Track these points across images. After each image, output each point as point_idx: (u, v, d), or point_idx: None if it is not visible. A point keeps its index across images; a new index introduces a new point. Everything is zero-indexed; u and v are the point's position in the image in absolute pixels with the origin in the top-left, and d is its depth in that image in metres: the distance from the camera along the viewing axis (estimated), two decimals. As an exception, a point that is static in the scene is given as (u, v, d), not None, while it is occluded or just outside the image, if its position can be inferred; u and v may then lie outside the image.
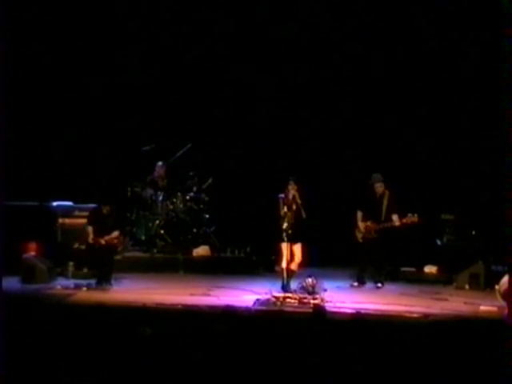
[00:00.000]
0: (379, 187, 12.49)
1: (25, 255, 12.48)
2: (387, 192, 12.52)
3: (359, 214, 12.59)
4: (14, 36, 13.50)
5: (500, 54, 8.57)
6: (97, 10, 14.83)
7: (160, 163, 14.23)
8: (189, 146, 14.53)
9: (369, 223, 12.52)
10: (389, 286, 12.60)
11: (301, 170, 13.03)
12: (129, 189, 13.85)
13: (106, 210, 12.38)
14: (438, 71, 14.38)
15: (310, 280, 11.05)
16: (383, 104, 14.69)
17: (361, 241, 12.57)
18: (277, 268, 12.67)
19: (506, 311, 9.03)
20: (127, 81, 14.99)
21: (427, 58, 14.37)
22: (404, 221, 12.27)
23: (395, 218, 12.32)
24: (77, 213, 13.33)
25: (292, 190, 11.66)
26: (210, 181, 14.59)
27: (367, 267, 12.65)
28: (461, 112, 14.23)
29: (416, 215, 12.18)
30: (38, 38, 14.75)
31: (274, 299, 10.81)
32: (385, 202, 12.49)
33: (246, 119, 14.99)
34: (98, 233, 12.28)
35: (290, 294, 10.99)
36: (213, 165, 14.78)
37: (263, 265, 13.97)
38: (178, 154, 14.51)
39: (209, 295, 11.31)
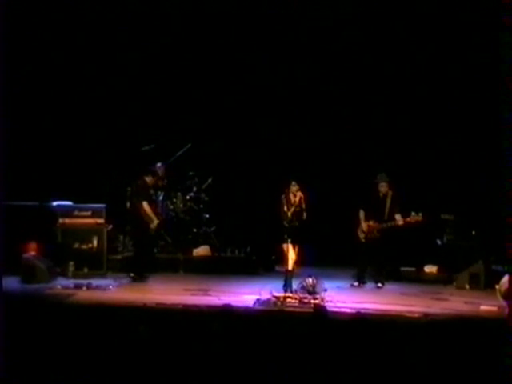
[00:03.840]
0: (383, 187, 12.50)
1: (25, 255, 12.48)
2: (390, 192, 12.52)
3: (362, 214, 12.59)
4: (14, 36, 13.50)
5: (499, 54, 8.56)
6: (99, 9, 14.83)
7: (159, 164, 14.22)
8: (189, 145, 14.53)
9: (371, 223, 12.52)
10: (389, 286, 12.59)
11: (301, 170, 13.04)
12: (129, 189, 13.83)
13: (150, 180, 12.83)
14: (439, 72, 14.38)
15: (310, 280, 11.04)
16: (384, 104, 14.68)
17: (363, 240, 12.57)
18: (279, 269, 12.66)
19: (506, 311, 9.02)
20: (127, 80, 14.99)
21: (428, 59, 14.37)
22: (408, 220, 12.26)
23: (398, 217, 12.32)
24: (77, 212, 13.33)
25: (298, 193, 11.68)
26: (209, 181, 14.60)
27: (368, 267, 12.65)
28: (461, 112, 14.22)
29: (420, 214, 12.17)
30: (38, 37, 14.76)
31: (274, 299, 10.80)
32: (388, 202, 12.50)
33: (246, 119, 14.99)
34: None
35: (290, 294, 10.98)
36: (213, 165, 14.78)
37: (263, 265, 13.97)
38: (178, 154, 14.51)
39: (209, 295, 11.31)
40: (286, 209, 11.55)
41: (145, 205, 12.70)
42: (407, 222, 12.29)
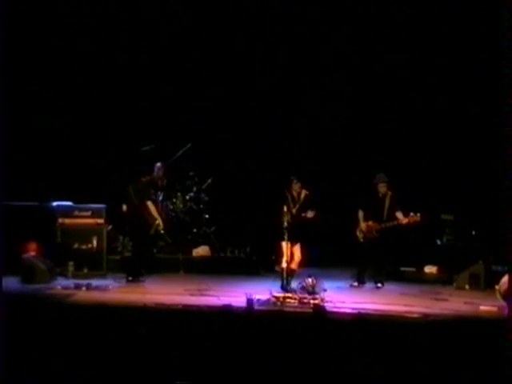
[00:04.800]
0: (382, 187, 12.50)
1: (25, 255, 12.48)
2: (389, 192, 12.52)
3: (361, 214, 12.59)
4: (15, 36, 13.51)
5: (500, 54, 8.56)
6: (101, 9, 14.83)
7: (159, 164, 14.22)
8: (188, 146, 14.53)
9: (370, 223, 12.52)
10: (389, 286, 12.59)
11: (301, 170, 13.04)
12: (127, 190, 13.83)
13: (147, 180, 12.98)
14: (439, 73, 14.37)
15: (310, 280, 11.04)
16: (384, 104, 14.67)
17: (362, 240, 12.58)
18: (277, 268, 12.66)
19: (506, 311, 9.03)
20: (127, 81, 14.99)
21: (428, 58, 14.36)
22: (407, 219, 12.26)
23: (401, 215, 12.30)
24: (77, 213, 13.32)
25: (302, 190, 11.71)
26: (209, 181, 14.60)
27: (367, 267, 12.65)
28: (461, 112, 14.22)
29: (418, 214, 12.17)
30: (39, 38, 14.76)
31: (274, 299, 10.80)
32: (387, 202, 12.49)
33: (246, 119, 14.99)
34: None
35: (289, 294, 10.98)
36: (213, 165, 14.78)
37: (263, 265, 13.96)
38: (178, 154, 14.51)
39: (209, 295, 11.31)
40: (285, 208, 11.58)
41: (149, 204, 12.72)
42: (407, 222, 12.29)
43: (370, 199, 12.62)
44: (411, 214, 12.23)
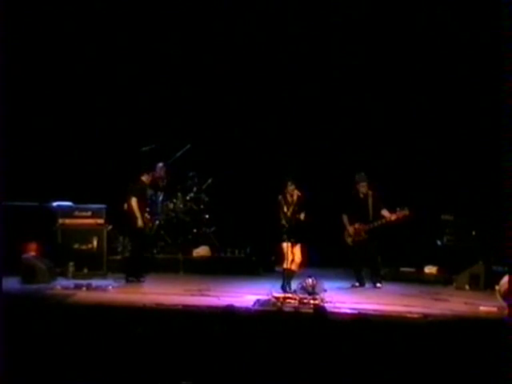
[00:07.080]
0: (363, 187, 12.41)
1: (25, 255, 12.48)
2: (371, 192, 12.44)
3: (345, 218, 12.49)
4: (15, 36, 13.52)
5: (500, 53, 8.57)
6: (102, 10, 14.84)
7: (160, 164, 14.22)
8: (188, 147, 14.53)
9: (357, 225, 12.44)
10: (389, 287, 12.58)
11: (300, 170, 13.03)
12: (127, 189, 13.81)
13: (147, 179, 12.87)
14: (436, 71, 14.36)
15: (310, 280, 11.04)
16: (382, 105, 14.67)
17: (351, 244, 12.50)
18: (277, 268, 12.66)
19: (506, 311, 9.03)
20: (128, 81, 15.00)
21: (423, 57, 14.35)
22: (396, 216, 12.21)
23: (387, 213, 12.25)
24: (77, 213, 13.33)
25: (295, 191, 11.69)
26: (209, 181, 14.60)
27: (362, 269, 12.60)
28: (460, 112, 14.22)
29: (406, 208, 12.13)
30: (40, 38, 14.77)
31: (274, 300, 10.80)
32: (370, 202, 12.42)
33: (245, 120, 15.00)
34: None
35: (290, 295, 10.98)
36: (212, 165, 14.78)
37: (263, 265, 13.97)
38: (178, 155, 14.52)
39: (209, 295, 11.30)
40: (285, 209, 11.58)
41: (133, 201, 12.65)
42: (396, 218, 12.23)
43: (352, 202, 12.53)
44: (398, 209, 12.18)
